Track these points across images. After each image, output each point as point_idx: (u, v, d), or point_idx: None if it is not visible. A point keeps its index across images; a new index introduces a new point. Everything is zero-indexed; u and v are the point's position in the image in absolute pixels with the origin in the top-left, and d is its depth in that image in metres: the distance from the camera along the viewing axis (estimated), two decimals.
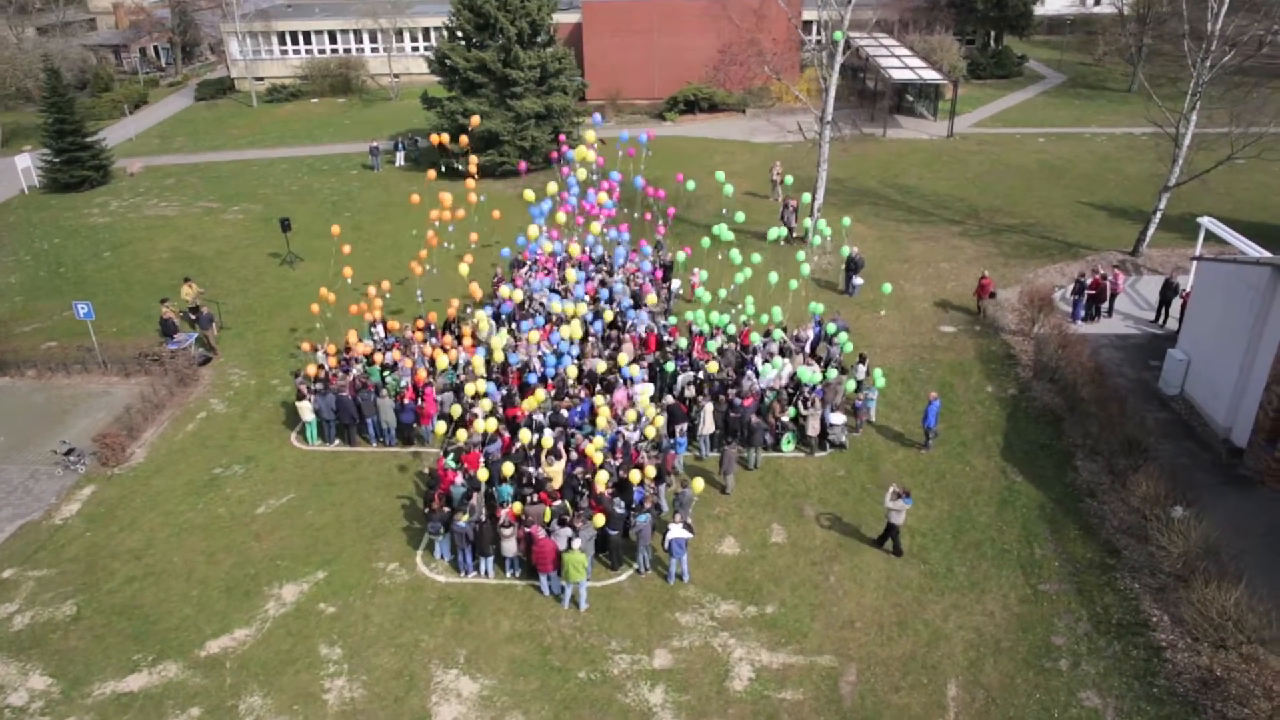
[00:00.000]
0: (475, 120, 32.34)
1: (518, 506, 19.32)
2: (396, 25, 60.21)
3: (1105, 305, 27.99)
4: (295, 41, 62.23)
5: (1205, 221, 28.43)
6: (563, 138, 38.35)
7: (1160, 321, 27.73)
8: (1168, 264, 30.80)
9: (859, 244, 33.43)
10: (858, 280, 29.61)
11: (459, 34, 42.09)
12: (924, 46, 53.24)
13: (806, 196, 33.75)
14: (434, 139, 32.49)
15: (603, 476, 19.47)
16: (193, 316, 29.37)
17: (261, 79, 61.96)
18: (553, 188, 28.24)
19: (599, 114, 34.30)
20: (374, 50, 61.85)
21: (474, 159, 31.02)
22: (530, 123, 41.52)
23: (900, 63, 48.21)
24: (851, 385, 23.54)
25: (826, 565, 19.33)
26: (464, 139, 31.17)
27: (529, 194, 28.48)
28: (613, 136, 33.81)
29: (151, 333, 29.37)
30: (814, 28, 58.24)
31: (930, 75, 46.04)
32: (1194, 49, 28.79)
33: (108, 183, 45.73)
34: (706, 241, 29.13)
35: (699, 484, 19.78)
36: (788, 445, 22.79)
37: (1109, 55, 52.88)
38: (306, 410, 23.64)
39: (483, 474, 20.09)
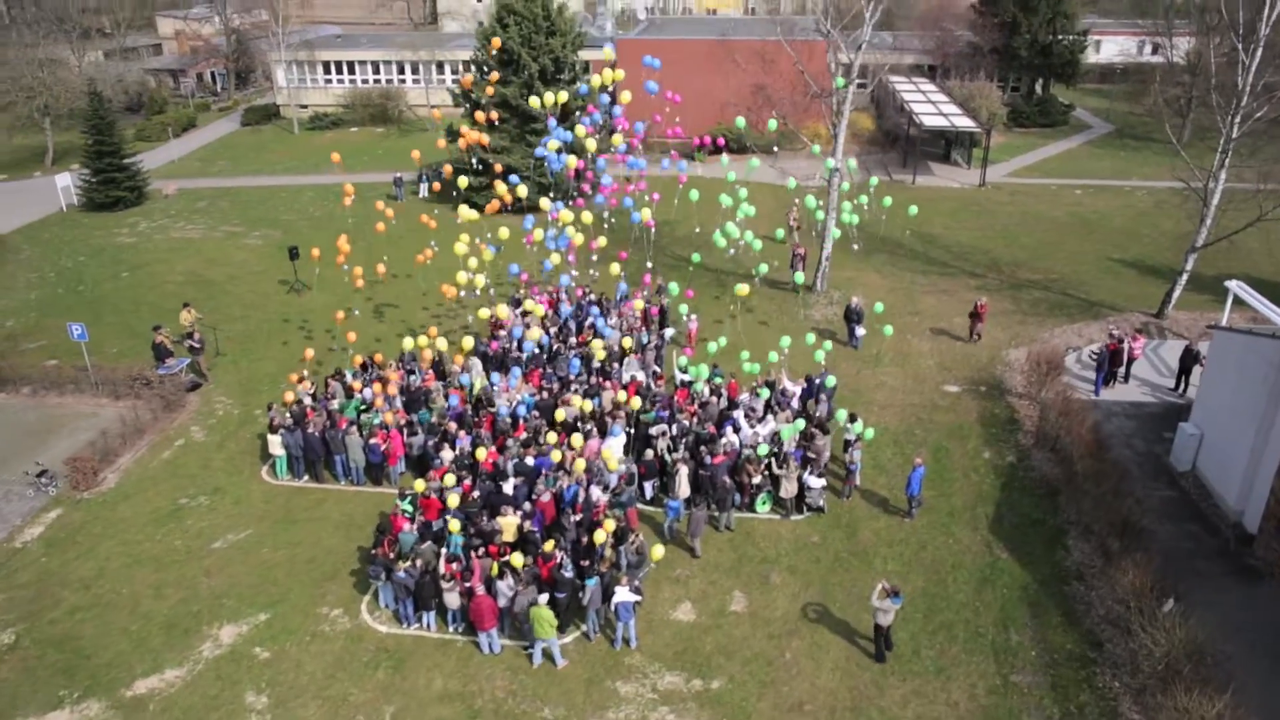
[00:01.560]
0: (448, 170, 31.92)
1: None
2: (436, 58, 60.88)
3: (1121, 370, 26.46)
4: (340, 71, 63.27)
5: (1233, 286, 26.82)
6: (589, 174, 38.10)
7: (1180, 390, 26.11)
8: (1195, 328, 29.15)
9: (870, 294, 32.39)
10: (860, 331, 28.51)
11: (483, 69, 42.18)
12: (963, 93, 52.03)
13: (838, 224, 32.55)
14: (446, 170, 32.51)
15: (600, 534, 18.76)
16: (188, 342, 29.39)
17: (305, 106, 63.10)
18: (567, 215, 27.59)
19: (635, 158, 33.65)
20: (415, 81, 62.62)
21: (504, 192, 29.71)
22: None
23: (935, 109, 47.12)
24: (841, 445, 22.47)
25: (784, 639, 18.21)
26: (448, 171, 31.01)
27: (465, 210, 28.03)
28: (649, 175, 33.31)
29: (148, 355, 29.44)
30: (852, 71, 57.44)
31: (964, 122, 44.87)
32: (1223, 105, 27.37)
33: (142, 204, 46.64)
34: (697, 256, 28.71)
35: (658, 552, 18.92)
36: (762, 506, 21.76)
37: (1159, 106, 51.06)
38: (276, 445, 23.32)
39: (454, 525, 19.46)
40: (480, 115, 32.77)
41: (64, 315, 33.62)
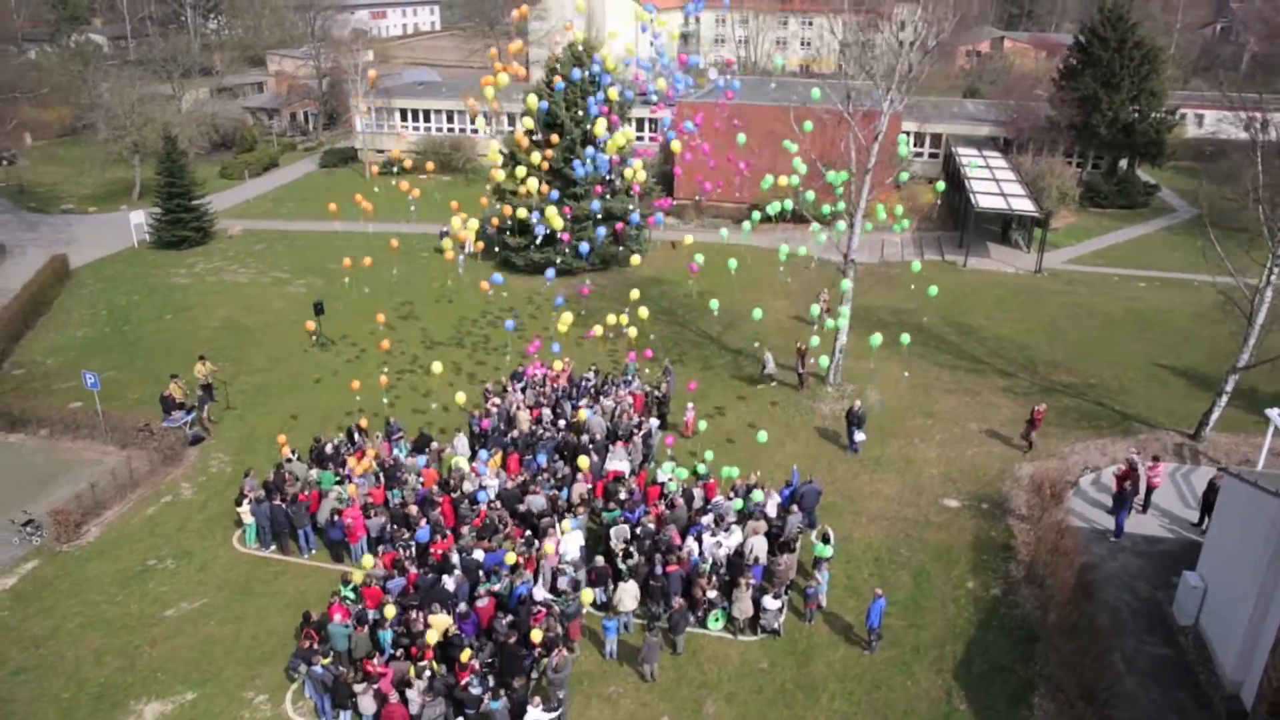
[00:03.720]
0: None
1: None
2: (506, 110, 61.95)
3: (1139, 499, 24.43)
4: (416, 118, 65.03)
5: (1274, 415, 24.55)
6: (620, 226, 38.00)
7: (1203, 527, 23.93)
8: (1234, 454, 26.82)
9: (888, 389, 31.04)
10: (860, 436, 27.15)
11: (529, 131, 42.53)
12: (1034, 170, 49.93)
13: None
14: (460, 233, 32.51)
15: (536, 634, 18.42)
16: (200, 394, 30.14)
17: (381, 151, 65.01)
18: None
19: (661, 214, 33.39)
20: (485, 132, 63.72)
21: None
22: (588, 223, 41.21)
23: (997, 187, 45.28)
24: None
25: None
26: (472, 240, 31.04)
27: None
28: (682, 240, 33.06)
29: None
30: (925, 140, 56.03)
31: (1022, 205, 42.91)
32: (1269, 214, 25.29)
33: (206, 243, 48.63)
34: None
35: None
36: (715, 623, 20.73)
37: (1253, 189, 47.77)
38: (246, 513, 23.53)
39: (390, 610, 19.24)
40: (529, 185, 32.18)
41: (102, 356, 35.10)
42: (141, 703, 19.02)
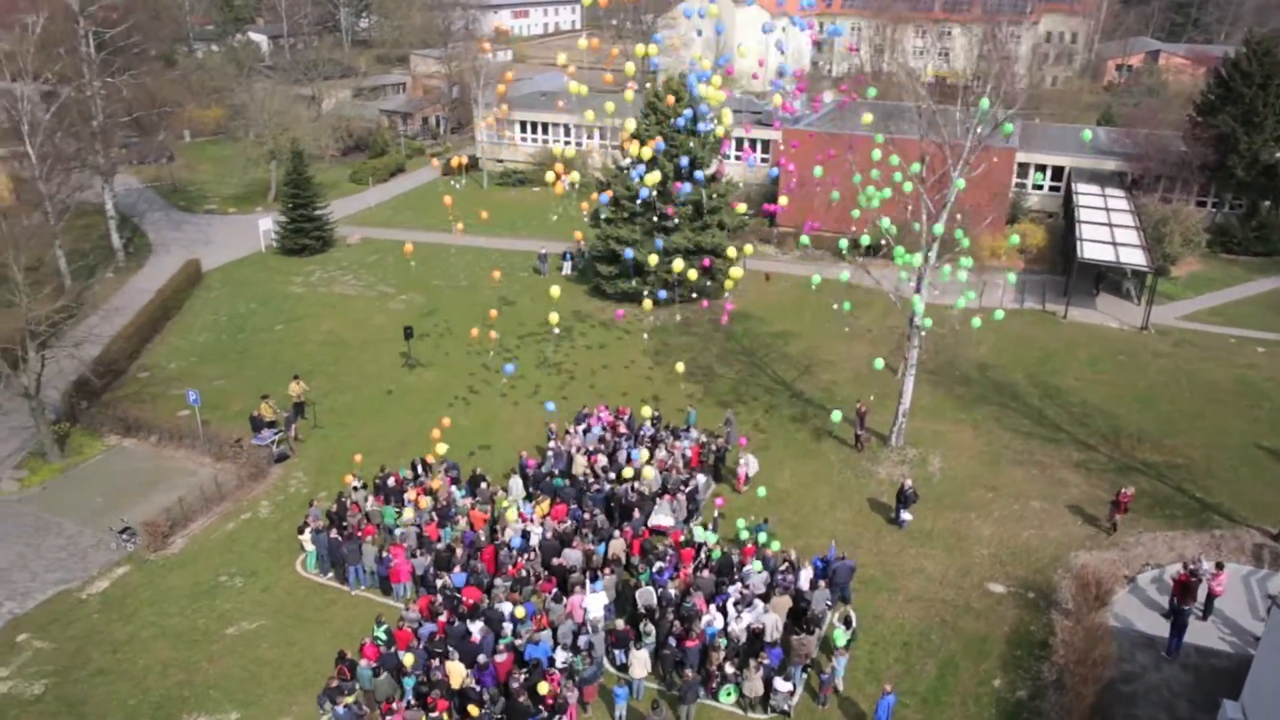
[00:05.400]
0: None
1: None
2: (620, 125, 62.84)
3: (1198, 607, 23.14)
4: (534, 130, 66.83)
5: None
6: (707, 262, 38.34)
7: None
8: None
9: (953, 456, 30.34)
10: (906, 516, 26.62)
11: (626, 164, 43.31)
12: (1159, 213, 47.16)
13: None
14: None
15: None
16: (287, 413, 32.32)
17: (501, 161, 67.20)
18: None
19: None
20: (602, 147, 64.94)
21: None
22: (677, 256, 41.68)
23: (1108, 233, 43.04)
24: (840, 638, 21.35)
25: None
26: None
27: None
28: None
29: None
30: (1046, 173, 53.65)
31: (1131, 257, 40.62)
32: None
33: (325, 251, 51.71)
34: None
35: None
36: (726, 698, 20.99)
37: None
38: (307, 541, 25.33)
39: (408, 659, 20.52)
40: None
41: (216, 363, 38.12)
42: (193, 716, 20.94)
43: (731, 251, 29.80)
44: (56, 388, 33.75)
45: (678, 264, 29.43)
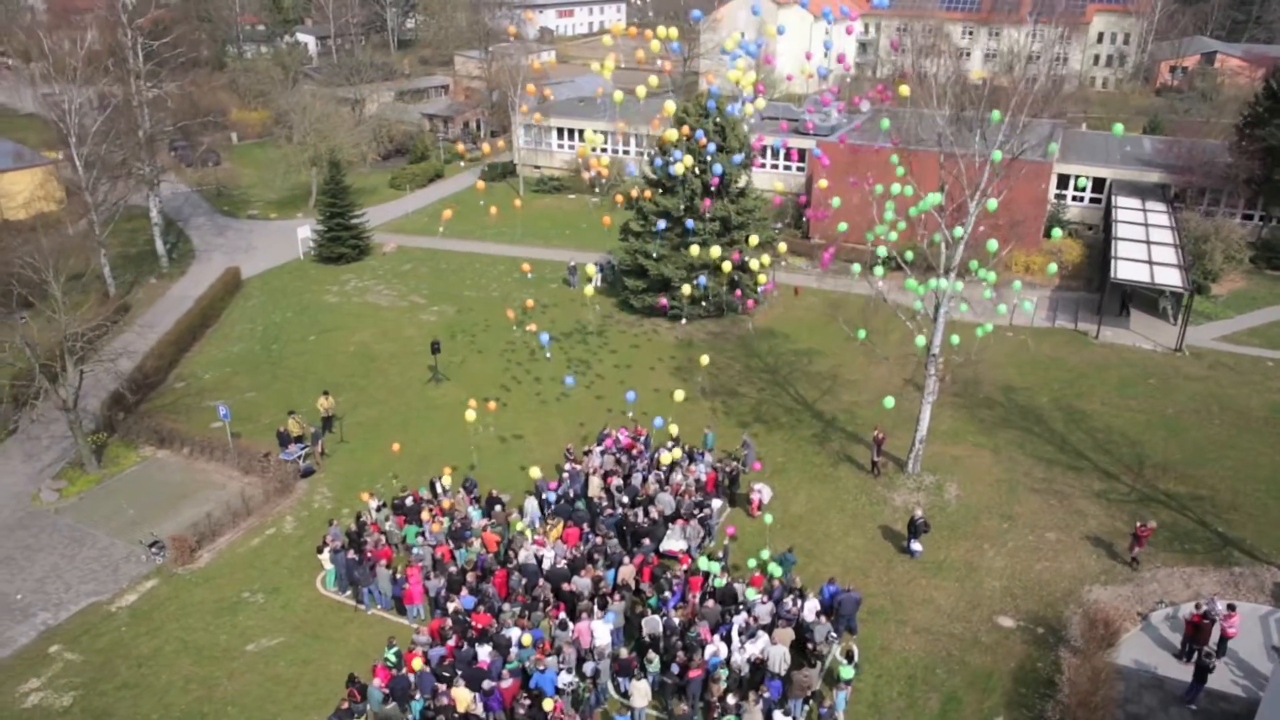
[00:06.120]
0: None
1: None
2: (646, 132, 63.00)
3: (1209, 650, 22.77)
4: (572, 137, 67.22)
5: None
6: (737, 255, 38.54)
7: None
8: None
9: (970, 482, 30.16)
10: (916, 546, 26.55)
11: (653, 179, 43.51)
12: (1202, 229, 46.17)
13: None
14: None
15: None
16: (314, 429, 33.10)
17: (539, 168, 67.76)
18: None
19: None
20: (638, 154, 65.14)
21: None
22: (703, 271, 41.82)
23: (1144, 250, 42.22)
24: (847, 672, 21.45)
25: None
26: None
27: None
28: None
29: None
30: (1069, 183, 52.68)
31: (1166, 278, 39.78)
32: None
33: (361, 259, 52.66)
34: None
35: None
36: None
37: None
38: (326, 560, 26.03)
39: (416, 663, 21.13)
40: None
41: (249, 375, 39.14)
42: None
43: (758, 253, 30.24)
44: (98, 395, 35.04)
45: (715, 250, 30.03)
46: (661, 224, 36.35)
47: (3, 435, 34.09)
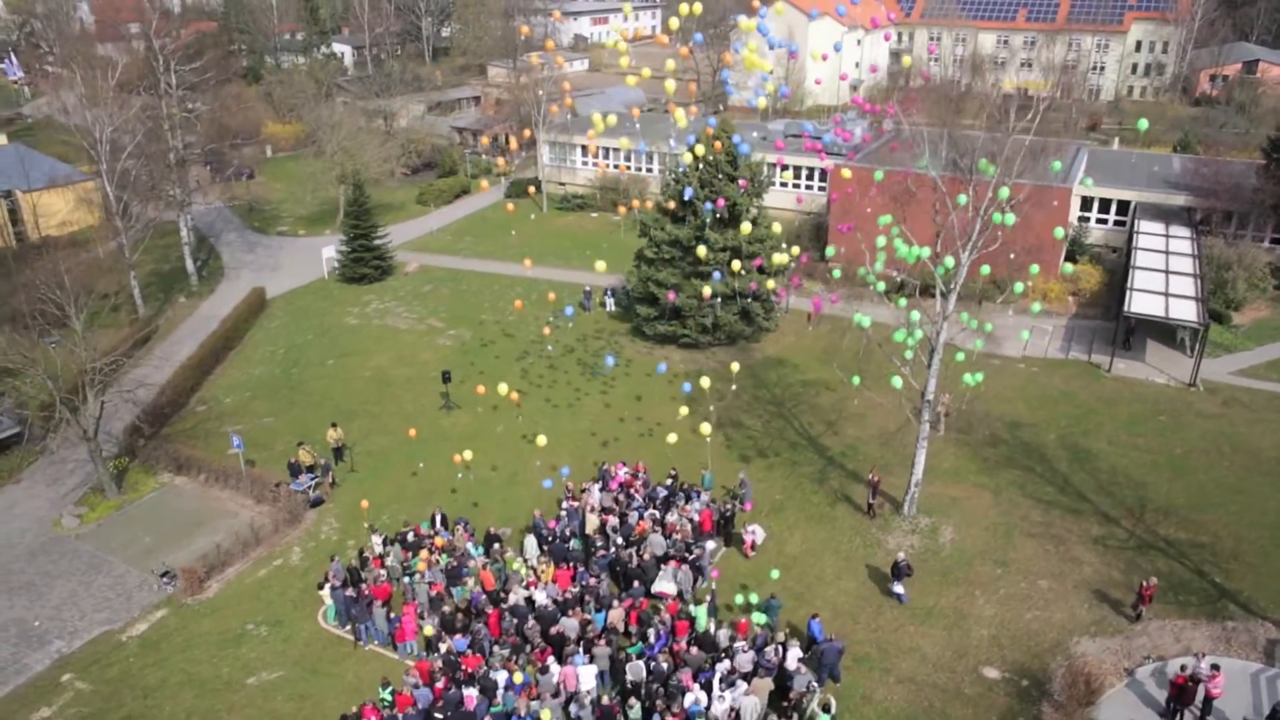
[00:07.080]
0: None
1: None
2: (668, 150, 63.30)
3: (1196, 705, 22.69)
4: (596, 155, 67.68)
5: None
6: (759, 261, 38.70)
7: None
8: None
9: (966, 525, 30.15)
10: (899, 589, 26.69)
11: (664, 209, 43.81)
12: (1224, 255, 45.48)
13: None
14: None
15: None
16: (324, 460, 33.96)
17: (563, 184, 68.37)
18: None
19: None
20: (662, 172, 65.46)
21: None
22: (716, 301, 42.12)
23: (1161, 281, 41.67)
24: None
25: None
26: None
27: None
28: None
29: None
30: (1093, 204, 52.08)
31: (1181, 311, 39.22)
32: None
33: (384, 279, 53.64)
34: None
35: None
36: None
37: None
38: (326, 595, 26.83)
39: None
40: None
41: (268, 400, 40.21)
42: None
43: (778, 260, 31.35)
44: (121, 420, 36.26)
45: (735, 264, 31.65)
46: (717, 275, 36.20)
47: (29, 461, 35.44)
